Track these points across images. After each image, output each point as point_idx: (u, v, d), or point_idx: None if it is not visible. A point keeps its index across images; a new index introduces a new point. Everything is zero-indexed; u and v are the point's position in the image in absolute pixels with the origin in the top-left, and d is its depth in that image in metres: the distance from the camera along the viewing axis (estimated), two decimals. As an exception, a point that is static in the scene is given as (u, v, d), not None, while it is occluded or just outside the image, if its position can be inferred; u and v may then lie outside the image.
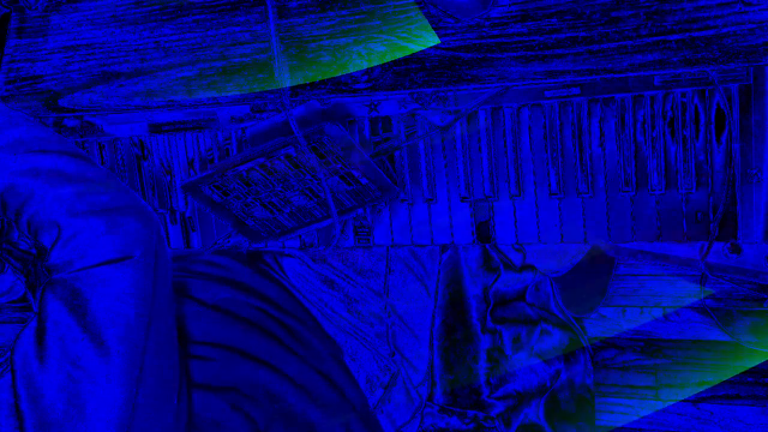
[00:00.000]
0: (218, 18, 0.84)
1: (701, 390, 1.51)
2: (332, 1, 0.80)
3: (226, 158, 0.94)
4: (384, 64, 0.80)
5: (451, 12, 0.76)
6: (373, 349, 1.11)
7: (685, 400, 1.52)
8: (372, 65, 0.81)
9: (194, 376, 0.82)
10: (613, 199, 0.87)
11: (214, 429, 0.78)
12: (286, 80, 0.83)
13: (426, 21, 0.78)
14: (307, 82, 0.83)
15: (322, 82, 0.83)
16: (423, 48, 0.79)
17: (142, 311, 0.69)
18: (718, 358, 1.51)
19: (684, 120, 0.82)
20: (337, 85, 0.82)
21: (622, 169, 0.85)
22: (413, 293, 1.16)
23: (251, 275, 1.05)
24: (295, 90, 0.84)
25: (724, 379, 1.50)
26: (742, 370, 1.49)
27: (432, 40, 0.77)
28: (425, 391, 1.24)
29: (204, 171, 0.91)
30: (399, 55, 0.80)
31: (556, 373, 1.31)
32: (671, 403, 1.53)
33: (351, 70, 0.81)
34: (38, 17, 0.90)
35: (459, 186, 0.92)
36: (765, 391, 1.47)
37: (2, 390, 0.67)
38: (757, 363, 1.48)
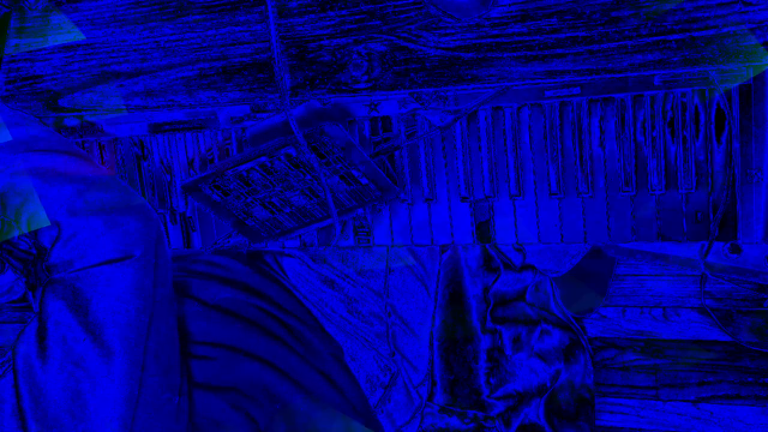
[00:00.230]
0: (218, 18, 0.84)
1: (701, 390, 1.51)
2: (332, 1, 0.80)
3: (226, 158, 0.93)
4: (384, 64, 0.80)
5: (451, 12, 0.76)
6: (373, 349, 1.11)
7: (685, 400, 1.52)
8: (372, 65, 0.81)
9: (195, 376, 0.82)
10: (613, 199, 0.87)
11: (214, 428, 0.78)
12: (286, 80, 0.83)
13: (426, 21, 0.78)
14: (307, 82, 0.83)
15: (322, 82, 0.83)
16: (423, 48, 0.79)
17: (142, 311, 0.69)
18: (718, 358, 1.51)
19: (684, 120, 0.82)
20: (337, 85, 0.82)
21: (622, 169, 0.85)
22: (413, 293, 1.16)
23: (251, 275, 1.05)
24: (295, 90, 0.84)
25: (724, 379, 1.50)
26: (742, 370, 1.49)
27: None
28: (425, 391, 1.24)
29: (204, 171, 0.91)
30: (399, 55, 0.80)
31: (556, 373, 1.31)
32: (671, 403, 1.53)
33: (351, 70, 0.81)
34: (38, 17, 0.90)
35: (459, 186, 0.92)
36: (765, 391, 1.47)
37: (4, 390, 0.67)
38: (757, 363, 1.48)
